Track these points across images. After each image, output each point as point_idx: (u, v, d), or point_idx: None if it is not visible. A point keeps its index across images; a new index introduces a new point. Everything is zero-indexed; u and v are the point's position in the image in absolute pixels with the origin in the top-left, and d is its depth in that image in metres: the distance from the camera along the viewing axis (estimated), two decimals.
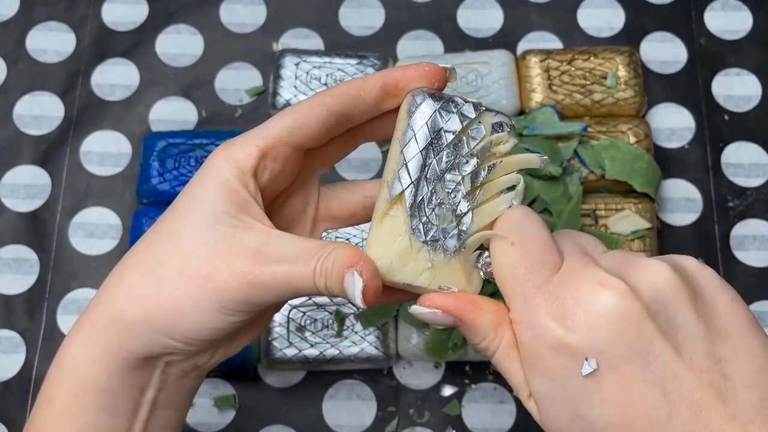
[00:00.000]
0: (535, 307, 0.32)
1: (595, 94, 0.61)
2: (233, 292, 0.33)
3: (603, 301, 0.30)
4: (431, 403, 0.56)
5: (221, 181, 0.35)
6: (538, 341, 0.32)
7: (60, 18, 0.67)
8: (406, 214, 0.34)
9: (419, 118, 0.34)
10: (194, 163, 0.59)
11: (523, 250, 0.33)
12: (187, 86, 0.65)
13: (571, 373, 0.31)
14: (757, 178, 0.62)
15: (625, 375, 0.30)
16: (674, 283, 0.31)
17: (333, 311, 0.55)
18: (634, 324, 0.30)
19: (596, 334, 0.30)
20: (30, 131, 0.64)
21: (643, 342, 0.30)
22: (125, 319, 0.34)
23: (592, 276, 0.31)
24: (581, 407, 0.31)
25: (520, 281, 0.33)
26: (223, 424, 0.56)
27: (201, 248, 0.34)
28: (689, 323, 0.31)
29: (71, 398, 0.35)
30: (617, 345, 0.30)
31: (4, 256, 0.60)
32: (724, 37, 0.66)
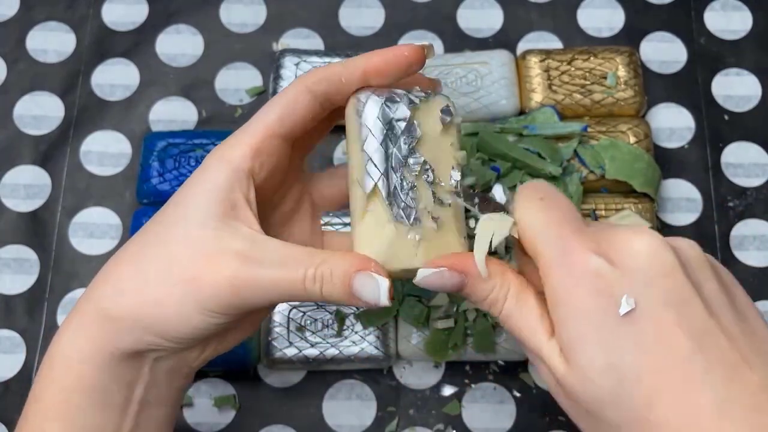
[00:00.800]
0: (572, 244, 0.31)
1: (595, 94, 0.61)
2: (216, 294, 0.33)
3: (642, 244, 0.30)
4: (431, 403, 0.56)
5: (211, 183, 0.35)
6: (576, 278, 0.31)
7: (60, 18, 0.67)
8: (384, 205, 0.35)
9: (369, 115, 0.36)
10: (194, 163, 0.59)
11: (554, 204, 0.33)
12: (187, 86, 0.65)
13: (608, 313, 0.30)
14: (757, 178, 0.62)
15: (662, 321, 0.29)
16: (701, 255, 0.31)
17: (333, 311, 0.55)
18: (671, 273, 0.30)
19: (636, 274, 0.30)
20: (30, 131, 0.64)
21: (681, 292, 0.30)
22: (112, 314, 0.35)
23: (626, 228, 0.32)
24: (615, 352, 0.30)
25: (553, 227, 0.32)
26: (223, 424, 0.56)
27: (187, 250, 0.34)
28: (716, 293, 0.31)
29: (61, 395, 0.35)
30: (656, 289, 0.30)
31: (4, 256, 0.60)
32: (724, 37, 0.66)
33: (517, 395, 0.56)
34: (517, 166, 0.56)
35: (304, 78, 0.36)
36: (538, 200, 0.33)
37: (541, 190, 0.34)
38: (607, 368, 0.30)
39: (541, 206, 0.33)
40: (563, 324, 0.31)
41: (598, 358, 0.30)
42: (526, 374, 0.56)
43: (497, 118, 0.60)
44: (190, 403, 0.56)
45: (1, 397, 0.56)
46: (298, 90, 0.36)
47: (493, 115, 0.60)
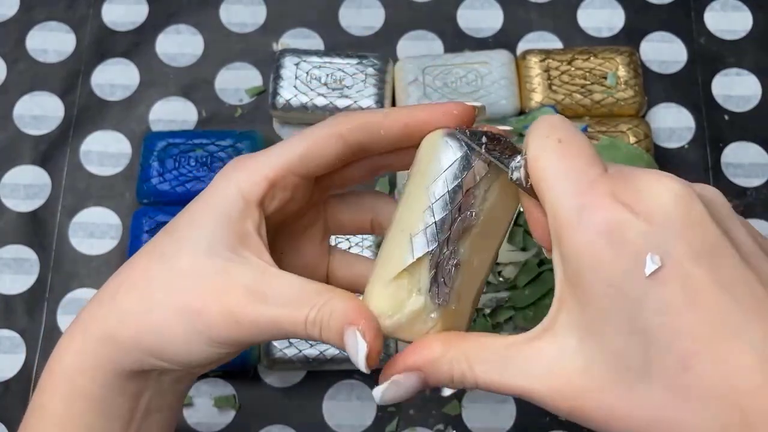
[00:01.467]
0: (590, 200, 0.28)
1: (595, 94, 0.61)
2: (221, 329, 0.32)
3: (668, 192, 0.27)
4: (431, 403, 0.56)
5: (223, 210, 0.34)
6: (597, 236, 0.27)
7: (60, 18, 0.67)
8: (427, 274, 0.32)
9: (453, 171, 0.31)
10: (194, 163, 0.59)
11: (573, 147, 0.29)
12: (187, 86, 0.65)
13: (634, 272, 0.27)
14: (757, 178, 0.62)
15: (694, 276, 0.26)
16: (727, 203, 0.29)
17: None
18: (700, 222, 0.27)
19: (664, 225, 0.27)
20: (30, 131, 0.64)
21: (712, 243, 0.27)
22: (117, 337, 0.34)
23: (650, 172, 0.29)
24: (642, 317, 0.27)
25: (570, 177, 0.29)
26: (223, 424, 0.56)
27: (194, 279, 0.33)
28: (748, 241, 0.28)
29: (64, 404, 0.35)
30: (685, 241, 0.27)
31: (4, 256, 0.60)
32: (724, 37, 0.66)
33: None
34: None
35: (338, 122, 0.34)
36: (555, 142, 0.29)
37: (559, 129, 0.30)
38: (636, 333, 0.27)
39: (559, 151, 0.29)
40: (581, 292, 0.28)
41: (622, 328, 0.27)
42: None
43: (497, 118, 0.60)
44: (190, 403, 0.56)
45: (1, 397, 0.56)
46: (329, 133, 0.34)
47: (493, 115, 0.60)
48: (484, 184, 0.32)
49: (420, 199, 0.32)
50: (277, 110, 0.61)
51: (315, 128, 0.34)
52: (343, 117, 0.34)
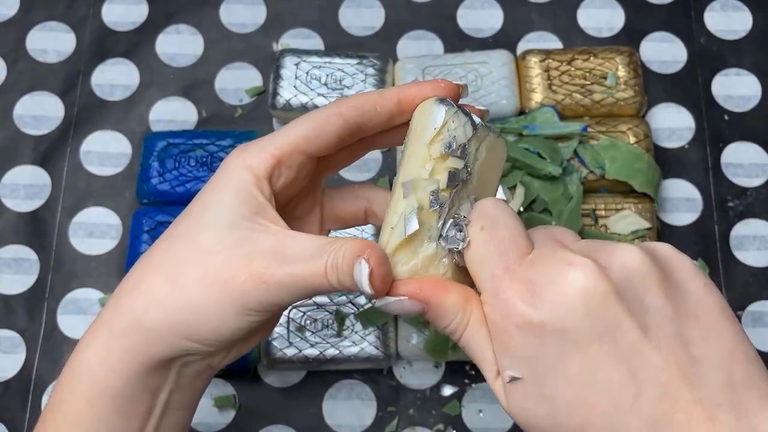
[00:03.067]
0: (501, 286, 0.32)
1: (595, 94, 0.61)
2: (252, 293, 0.34)
3: (570, 279, 0.30)
4: (431, 403, 0.56)
5: (237, 185, 0.35)
6: (506, 320, 0.31)
7: (60, 18, 0.67)
8: (436, 223, 0.34)
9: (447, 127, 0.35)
10: (194, 163, 0.59)
11: (491, 234, 0.33)
12: (187, 86, 0.65)
13: (538, 353, 0.31)
14: (757, 178, 0.62)
15: (591, 354, 0.30)
16: (645, 264, 0.31)
17: (333, 311, 0.55)
18: (601, 302, 0.30)
19: (563, 312, 0.30)
20: (30, 131, 0.64)
21: (610, 320, 0.30)
22: (145, 324, 0.35)
23: (561, 256, 0.31)
24: (547, 387, 0.31)
25: (487, 263, 0.33)
26: (223, 424, 0.56)
27: (219, 252, 0.34)
28: (658, 304, 0.30)
29: (85, 402, 0.35)
30: (583, 323, 0.30)
31: (4, 256, 0.60)
32: (724, 37, 0.66)
33: None
34: (517, 166, 0.56)
35: (338, 103, 0.37)
36: (479, 230, 0.34)
37: (482, 218, 0.34)
38: (542, 399, 0.31)
39: (479, 237, 0.33)
40: (500, 361, 0.33)
41: (532, 393, 0.31)
42: None
43: (497, 118, 0.60)
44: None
45: (1, 397, 0.56)
46: (330, 113, 0.36)
47: (493, 115, 0.60)
48: (474, 142, 0.35)
49: (420, 155, 0.34)
50: (277, 110, 0.61)
51: (317, 111, 0.37)
52: (342, 99, 0.37)
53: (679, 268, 0.32)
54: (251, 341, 0.39)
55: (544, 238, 0.34)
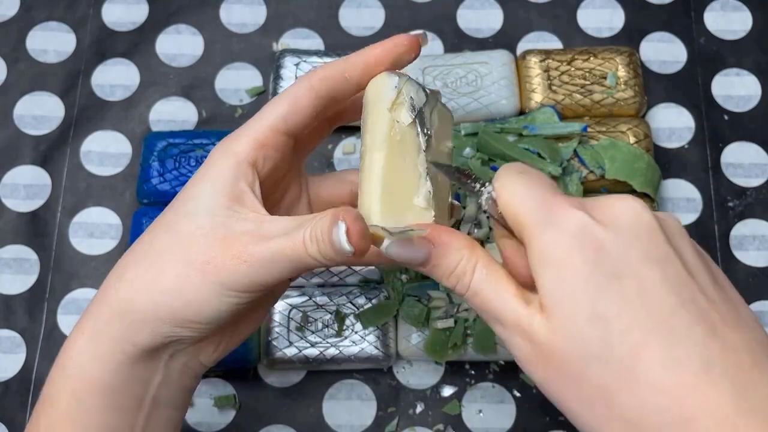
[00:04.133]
0: (557, 203, 0.32)
1: (595, 94, 0.61)
2: (233, 272, 0.34)
3: (624, 206, 0.31)
4: (431, 403, 0.56)
5: (216, 175, 0.36)
6: (562, 234, 0.31)
7: (60, 18, 0.67)
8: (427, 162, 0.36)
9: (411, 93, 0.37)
10: (194, 163, 0.59)
11: (534, 175, 0.33)
12: (187, 86, 0.65)
13: (595, 268, 0.30)
14: (756, 178, 0.62)
15: (646, 276, 0.30)
16: (681, 227, 0.32)
17: (333, 311, 0.55)
18: (651, 231, 0.31)
19: (620, 231, 0.31)
20: (30, 131, 0.64)
21: (661, 250, 0.30)
22: (129, 311, 0.35)
23: (605, 196, 0.33)
24: (601, 304, 0.30)
25: (535, 193, 0.32)
26: (223, 424, 0.56)
27: (199, 237, 0.35)
28: (695, 259, 0.31)
29: (74, 398, 0.35)
30: (639, 245, 0.30)
31: (4, 256, 0.60)
32: (724, 37, 0.66)
33: (517, 395, 0.56)
34: None
35: (308, 76, 0.37)
36: (517, 174, 0.34)
37: (519, 166, 0.34)
38: (596, 318, 0.30)
39: (521, 178, 0.33)
40: (549, 281, 0.31)
41: (587, 309, 0.30)
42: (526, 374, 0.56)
43: (497, 118, 0.60)
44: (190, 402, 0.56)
45: (1, 397, 0.56)
46: (302, 88, 0.37)
47: (493, 115, 0.60)
48: (428, 108, 0.37)
49: (383, 121, 0.36)
50: None
51: (289, 88, 0.37)
52: (311, 72, 0.38)
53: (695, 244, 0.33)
54: (239, 332, 0.39)
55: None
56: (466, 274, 0.33)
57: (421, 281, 0.55)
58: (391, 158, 0.36)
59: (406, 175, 0.36)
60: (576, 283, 0.30)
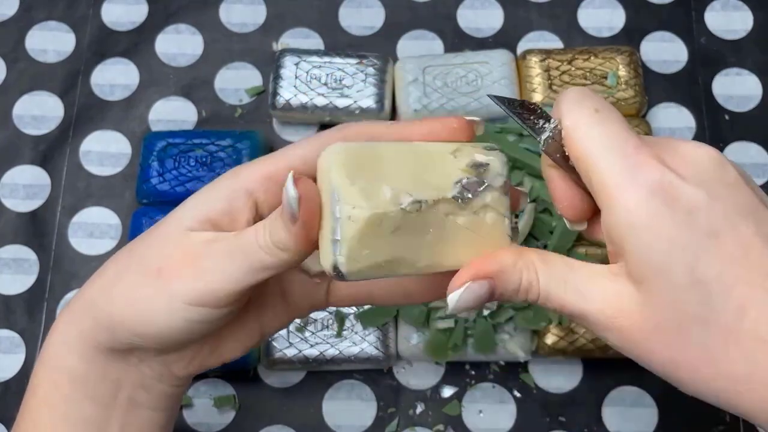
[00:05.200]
0: (641, 160, 0.29)
1: None
2: (181, 280, 0.33)
3: (708, 156, 0.30)
4: (431, 403, 0.56)
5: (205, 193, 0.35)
6: (651, 196, 0.29)
7: (60, 18, 0.67)
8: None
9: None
10: (194, 163, 0.59)
11: (611, 116, 0.31)
12: (187, 86, 0.65)
13: (688, 228, 0.29)
14: (757, 178, 0.62)
15: (741, 232, 0.29)
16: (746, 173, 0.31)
17: (333, 311, 0.55)
18: (737, 184, 0.30)
19: (709, 186, 0.29)
20: (30, 131, 0.64)
21: (750, 202, 0.30)
22: (94, 310, 0.35)
23: (685, 140, 0.31)
24: (700, 267, 0.28)
25: (615, 142, 0.30)
26: (223, 424, 0.56)
27: (163, 247, 0.34)
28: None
29: (52, 386, 0.36)
30: (729, 200, 0.29)
31: (3, 256, 0.60)
32: (724, 37, 0.66)
33: (517, 395, 0.56)
34: (517, 166, 0.56)
35: (342, 129, 0.34)
36: (593, 111, 0.31)
37: (595, 100, 0.31)
38: (697, 283, 0.29)
39: (597, 119, 0.30)
40: (637, 249, 0.29)
41: (686, 275, 0.29)
42: (526, 374, 0.56)
43: (497, 118, 0.60)
44: (189, 403, 0.56)
45: (1, 397, 0.56)
46: (334, 137, 0.34)
47: (493, 115, 0.60)
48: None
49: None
50: (277, 110, 0.61)
51: (320, 134, 0.35)
52: (348, 126, 0.34)
53: None
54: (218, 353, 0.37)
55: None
56: (533, 284, 0.32)
57: None
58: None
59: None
60: (671, 249, 0.29)
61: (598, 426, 0.55)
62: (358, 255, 0.30)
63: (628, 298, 0.30)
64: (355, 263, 0.30)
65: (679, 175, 0.29)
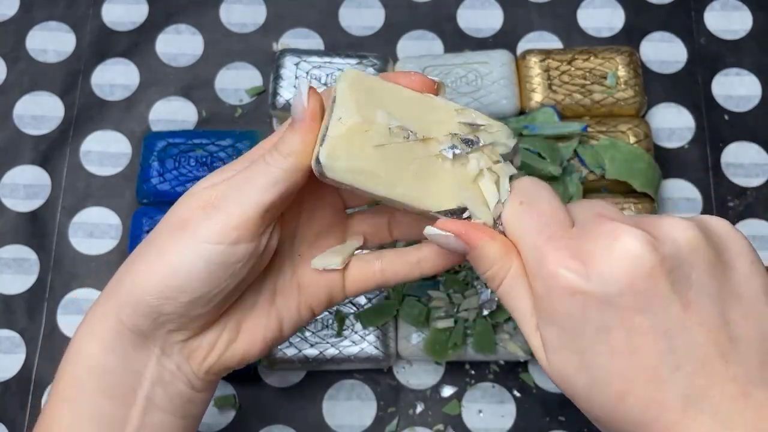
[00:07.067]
0: (546, 256, 0.32)
1: (595, 94, 0.61)
2: (204, 223, 0.35)
3: (618, 250, 0.30)
4: (431, 403, 0.56)
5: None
6: (550, 289, 0.32)
7: (60, 18, 0.67)
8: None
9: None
10: (194, 163, 0.59)
11: (532, 208, 0.34)
12: (187, 86, 0.65)
13: (581, 323, 0.31)
14: (757, 178, 0.62)
15: (634, 327, 0.30)
16: (695, 240, 0.31)
17: (333, 311, 0.55)
18: (648, 275, 0.30)
19: (609, 282, 0.30)
20: (30, 131, 0.64)
21: (655, 294, 0.30)
22: (117, 288, 0.36)
23: (608, 227, 0.31)
24: (588, 357, 0.31)
25: (529, 234, 0.33)
26: (223, 424, 0.56)
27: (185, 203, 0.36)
28: (703, 283, 0.31)
29: (72, 380, 0.36)
30: (629, 295, 0.30)
31: (4, 256, 0.60)
32: (724, 37, 0.66)
33: (517, 395, 0.56)
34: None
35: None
36: (517, 205, 0.34)
37: (521, 194, 0.35)
38: (582, 368, 0.32)
39: (520, 211, 0.34)
40: (543, 329, 0.33)
41: (573, 361, 0.32)
42: (526, 374, 0.56)
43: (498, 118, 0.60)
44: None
45: (1, 397, 0.56)
46: None
47: (493, 114, 0.60)
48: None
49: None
50: (277, 110, 0.61)
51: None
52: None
53: (731, 245, 0.32)
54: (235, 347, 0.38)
55: (586, 211, 0.34)
56: (495, 280, 0.35)
57: (421, 281, 0.55)
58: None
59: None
60: (564, 337, 0.32)
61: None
62: (339, 153, 0.34)
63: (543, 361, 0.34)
64: (334, 160, 0.34)
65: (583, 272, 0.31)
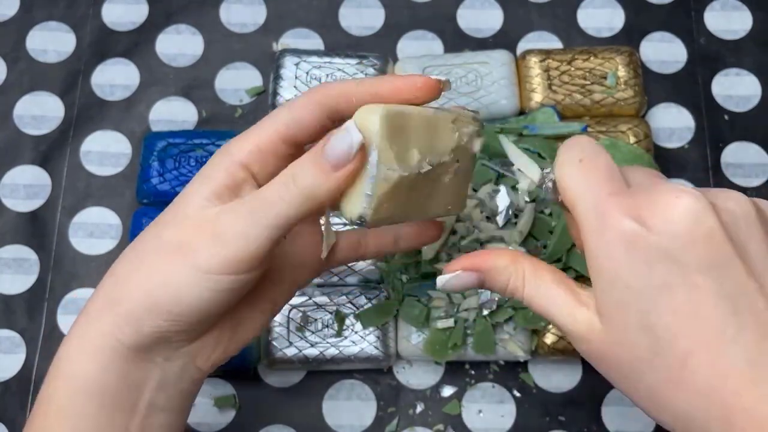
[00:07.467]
0: (608, 209, 0.31)
1: (595, 94, 0.61)
2: (206, 250, 0.34)
3: (682, 207, 0.30)
4: (431, 403, 0.56)
5: (207, 172, 0.37)
6: (614, 244, 0.31)
7: (60, 18, 0.67)
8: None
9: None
10: (194, 163, 0.59)
11: (592, 165, 0.33)
12: (187, 86, 0.65)
13: (644, 279, 0.31)
14: (757, 178, 0.62)
15: (697, 286, 0.30)
16: (751, 212, 0.31)
17: (333, 311, 0.55)
18: (710, 236, 0.30)
19: (673, 239, 0.30)
20: (30, 131, 0.64)
21: (719, 256, 0.30)
22: (114, 303, 0.35)
23: (668, 186, 0.32)
24: (651, 315, 0.31)
25: (592, 190, 0.33)
26: (223, 424, 0.56)
27: (175, 226, 0.35)
28: (761, 253, 0.31)
29: (67, 396, 0.35)
30: (693, 254, 0.30)
31: (4, 256, 0.60)
32: (724, 37, 0.66)
33: (517, 395, 0.56)
34: None
35: (316, 91, 0.37)
36: (577, 162, 0.33)
37: (580, 150, 0.34)
38: (643, 329, 0.31)
39: (579, 168, 0.33)
40: (601, 289, 0.32)
41: (637, 320, 0.31)
42: (526, 374, 0.56)
43: (497, 118, 0.60)
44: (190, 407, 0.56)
45: (1, 397, 0.56)
46: (307, 100, 0.37)
47: (493, 115, 0.60)
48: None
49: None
50: None
51: (296, 99, 0.37)
52: (321, 87, 0.37)
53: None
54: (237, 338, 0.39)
55: (642, 175, 0.34)
56: (518, 288, 0.35)
57: (421, 281, 0.55)
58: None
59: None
60: (627, 295, 0.31)
61: (598, 426, 0.55)
62: (381, 208, 0.34)
63: (596, 327, 0.33)
64: (377, 214, 0.34)
65: (645, 225, 0.31)
